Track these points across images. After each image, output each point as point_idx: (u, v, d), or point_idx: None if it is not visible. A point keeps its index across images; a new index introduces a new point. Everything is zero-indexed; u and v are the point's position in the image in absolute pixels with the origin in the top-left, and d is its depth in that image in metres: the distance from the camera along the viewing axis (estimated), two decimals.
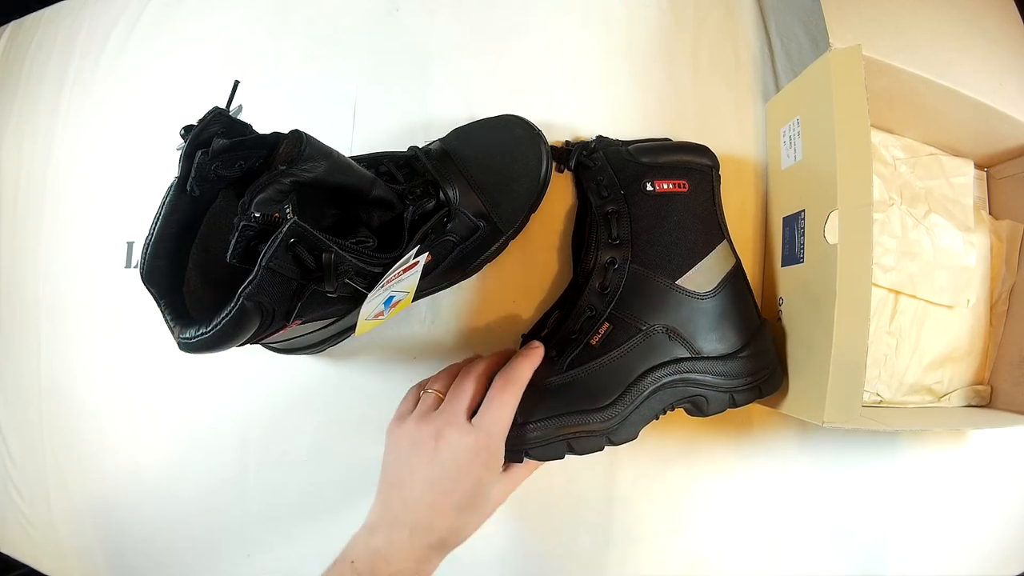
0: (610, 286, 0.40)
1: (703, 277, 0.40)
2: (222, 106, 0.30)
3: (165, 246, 0.30)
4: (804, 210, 0.40)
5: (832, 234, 0.37)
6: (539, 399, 0.37)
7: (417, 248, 0.35)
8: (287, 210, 0.30)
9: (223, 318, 0.27)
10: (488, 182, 0.40)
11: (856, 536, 0.48)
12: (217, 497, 0.51)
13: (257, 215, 0.28)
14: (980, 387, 0.49)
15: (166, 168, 0.39)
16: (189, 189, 0.30)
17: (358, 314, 0.34)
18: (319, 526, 0.48)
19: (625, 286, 0.39)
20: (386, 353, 0.48)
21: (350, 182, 0.33)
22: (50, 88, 0.64)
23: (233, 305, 0.27)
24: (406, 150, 0.41)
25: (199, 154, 0.29)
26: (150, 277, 0.29)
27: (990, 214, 0.52)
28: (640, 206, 0.41)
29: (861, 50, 0.37)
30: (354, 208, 0.36)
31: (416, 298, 0.39)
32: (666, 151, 0.42)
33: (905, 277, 0.47)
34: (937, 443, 0.49)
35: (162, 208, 0.30)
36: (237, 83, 0.32)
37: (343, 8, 0.52)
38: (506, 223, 0.41)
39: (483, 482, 0.34)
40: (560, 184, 0.46)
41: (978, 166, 0.51)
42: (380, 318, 0.37)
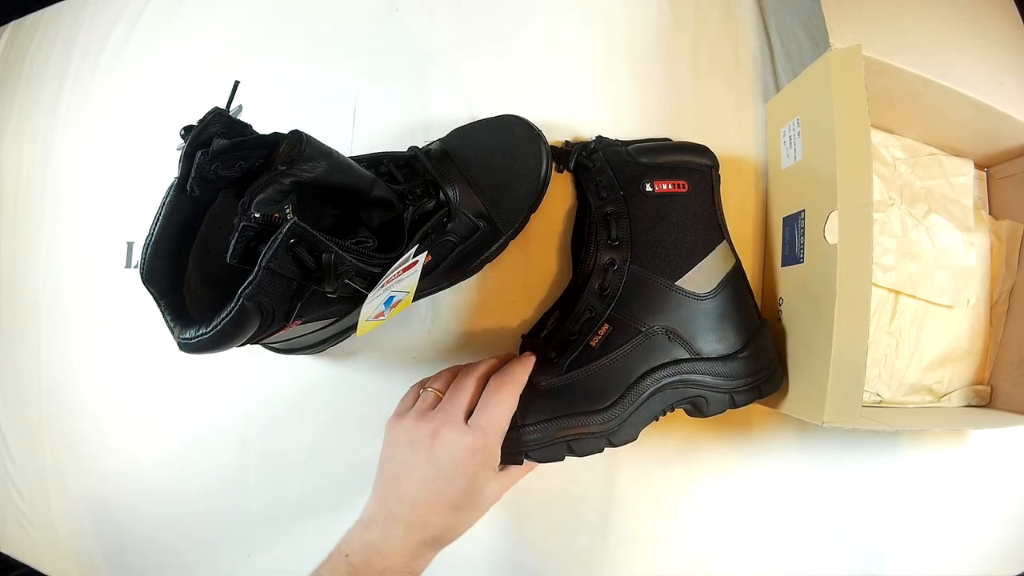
0: (610, 287, 0.40)
1: (703, 278, 0.40)
2: (222, 106, 0.30)
3: (165, 246, 0.30)
4: (804, 210, 0.40)
5: (832, 234, 0.37)
6: (539, 401, 0.37)
7: (416, 248, 0.35)
8: (287, 210, 0.30)
9: (223, 318, 0.27)
10: (488, 182, 0.40)
11: (856, 536, 0.48)
12: (217, 497, 0.51)
13: (257, 215, 0.28)
14: (980, 387, 0.49)
15: (166, 168, 0.40)
16: (189, 189, 0.30)
17: (358, 314, 0.34)
18: (319, 526, 0.48)
19: (625, 287, 0.39)
20: (386, 353, 0.48)
21: (350, 182, 0.33)
22: (50, 88, 0.64)
23: (233, 305, 0.27)
24: (406, 150, 0.41)
25: (199, 154, 0.29)
26: (150, 277, 0.29)
27: (990, 214, 0.52)
28: (639, 207, 0.41)
29: (861, 50, 0.37)
30: (354, 208, 0.36)
31: (416, 298, 0.39)
32: (665, 151, 0.42)
33: (905, 277, 0.47)
34: (937, 443, 0.49)
35: (162, 208, 0.30)
36: (237, 83, 0.32)
37: (343, 8, 0.52)
38: (506, 223, 0.41)
39: (478, 481, 0.34)
40: (560, 184, 0.46)
41: (978, 166, 0.51)
42: (381, 319, 0.37)
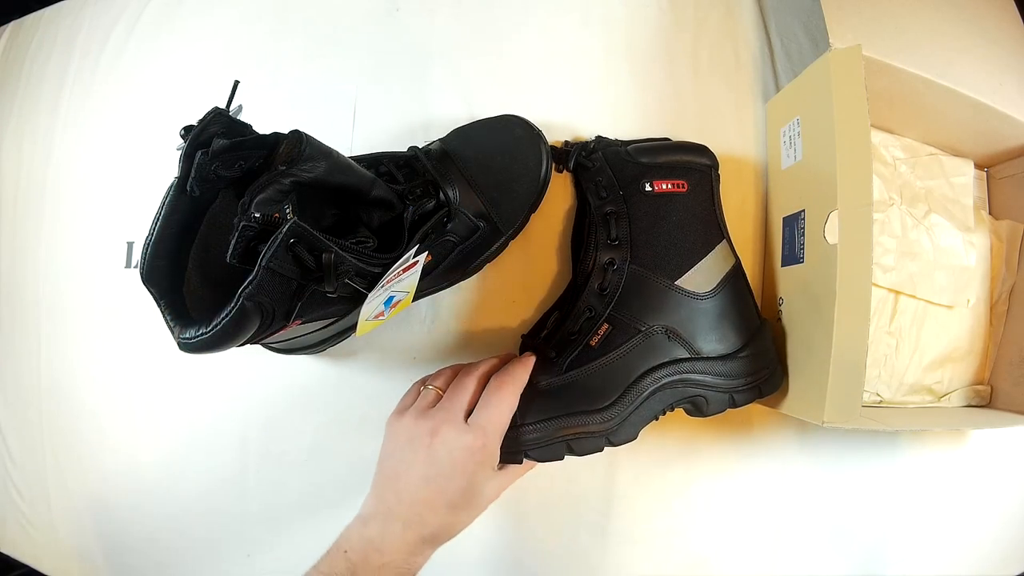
0: (609, 287, 0.40)
1: (702, 277, 0.40)
2: (222, 106, 0.30)
3: (165, 246, 0.30)
4: (804, 210, 0.40)
5: (832, 234, 0.37)
6: (538, 400, 0.37)
7: (417, 248, 0.35)
8: (287, 210, 0.30)
9: (223, 318, 0.27)
10: (488, 182, 0.40)
11: (856, 536, 0.48)
12: (217, 497, 0.51)
13: (257, 215, 0.28)
14: (980, 387, 0.49)
15: (166, 168, 0.39)
16: (189, 189, 0.30)
17: (358, 314, 0.34)
18: (319, 526, 0.48)
19: (624, 287, 0.39)
20: (386, 353, 0.48)
21: (350, 182, 0.33)
22: (50, 88, 0.64)
23: (233, 305, 0.27)
24: (406, 150, 0.41)
25: (199, 154, 0.29)
26: (150, 277, 0.29)
27: (990, 214, 0.52)
28: (639, 206, 0.41)
29: (861, 50, 0.37)
30: (354, 208, 0.36)
31: (416, 298, 0.39)
32: (665, 151, 0.42)
33: (905, 277, 0.47)
34: (937, 443, 0.49)
35: (162, 208, 0.30)
36: (237, 83, 0.32)
37: (343, 8, 0.52)
38: (506, 223, 0.41)
39: (477, 480, 0.34)
40: (560, 184, 0.46)
41: (978, 166, 0.51)
42: (380, 318, 0.37)
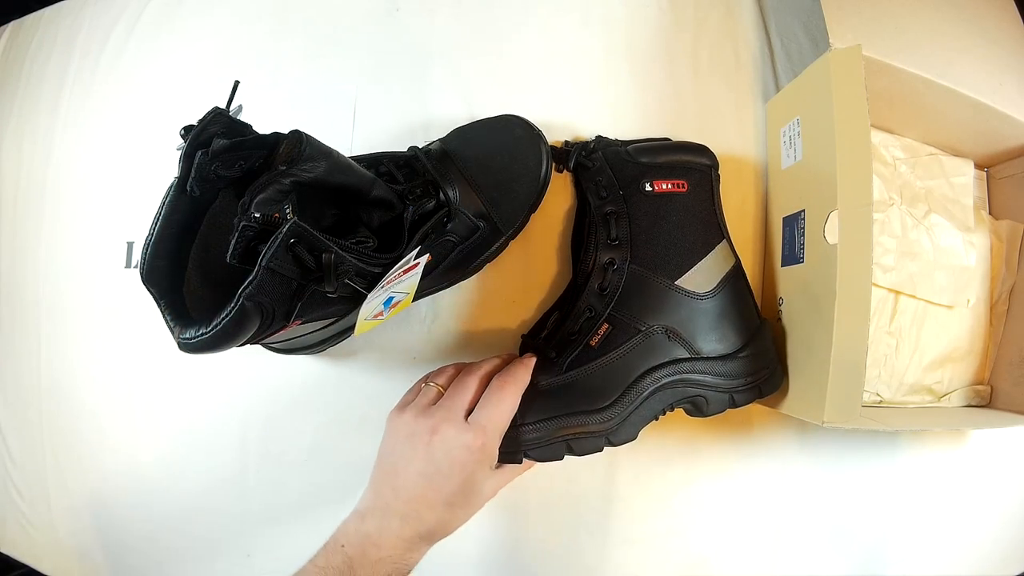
0: (609, 287, 0.40)
1: (702, 277, 0.40)
2: (222, 106, 0.30)
3: (165, 246, 0.30)
4: (804, 210, 0.40)
5: (832, 234, 0.37)
6: (538, 400, 0.37)
7: (418, 250, 0.35)
8: (287, 210, 0.30)
9: (223, 318, 0.27)
10: (488, 182, 0.40)
11: (856, 536, 0.48)
12: (217, 497, 0.51)
13: (257, 215, 0.28)
14: (980, 387, 0.49)
15: (166, 168, 0.39)
16: (189, 189, 0.30)
17: (358, 314, 0.34)
18: (319, 526, 0.48)
19: (624, 287, 0.39)
20: (386, 353, 0.48)
21: (350, 182, 0.33)
22: (50, 88, 0.64)
23: (233, 305, 0.27)
24: (406, 150, 0.41)
25: (199, 154, 0.29)
26: (150, 277, 0.29)
27: (990, 214, 0.52)
28: (639, 206, 0.41)
29: (861, 50, 0.37)
30: (354, 208, 0.36)
31: (416, 298, 0.39)
32: (665, 151, 0.42)
33: (905, 277, 0.47)
34: (937, 443, 0.49)
35: (162, 208, 0.30)
36: (237, 83, 0.32)
37: (343, 8, 0.52)
38: (506, 223, 0.41)
39: (475, 479, 0.34)
40: (560, 184, 0.46)
41: (978, 166, 0.51)
42: (380, 318, 0.37)
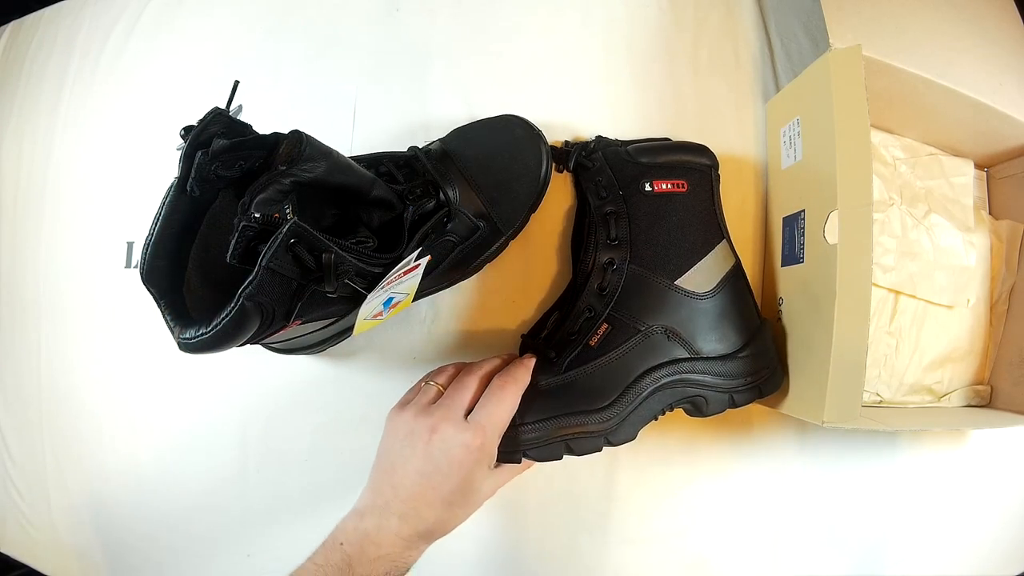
0: (608, 287, 0.40)
1: (702, 277, 0.40)
2: (222, 106, 0.30)
3: (165, 246, 0.30)
4: (804, 210, 0.40)
5: (832, 234, 0.37)
6: (537, 400, 0.37)
7: (419, 251, 0.35)
8: (287, 210, 0.30)
9: (223, 318, 0.27)
10: (488, 182, 0.40)
11: (856, 536, 0.48)
12: (217, 496, 0.51)
13: (257, 215, 0.28)
14: (980, 387, 0.49)
15: (166, 168, 0.40)
16: (189, 189, 0.30)
17: (357, 314, 0.34)
18: (319, 525, 0.48)
19: (624, 287, 0.39)
20: (386, 353, 0.48)
21: (350, 182, 0.33)
22: (50, 88, 0.64)
23: (233, 305, 0.27)
24: (406, 150, 0.41)
25: (199, 154, 0.29)
26: (150, 277, 0.29)
27: (990, 214, 0.52)
28: (638, 206, 0.41)
29: (861, 50, 0.37)
30: (354, 208, 0.36)
31: (416, 298, 0.39)
32: (665, 151, 0.42)
33: (905, 277, 0.47)
34: (937, 443, 0.49)
35: (162, 208, 0.30)
36: (237, 83, 0.32)
37: (343, 8, 0.52)
38: (506, 223, 0.41)
39: (473, 478, 0.34)
40: (560, 184, 0.46)
41: (978, 166, 0.51)
42: (379, 318, 0.37)
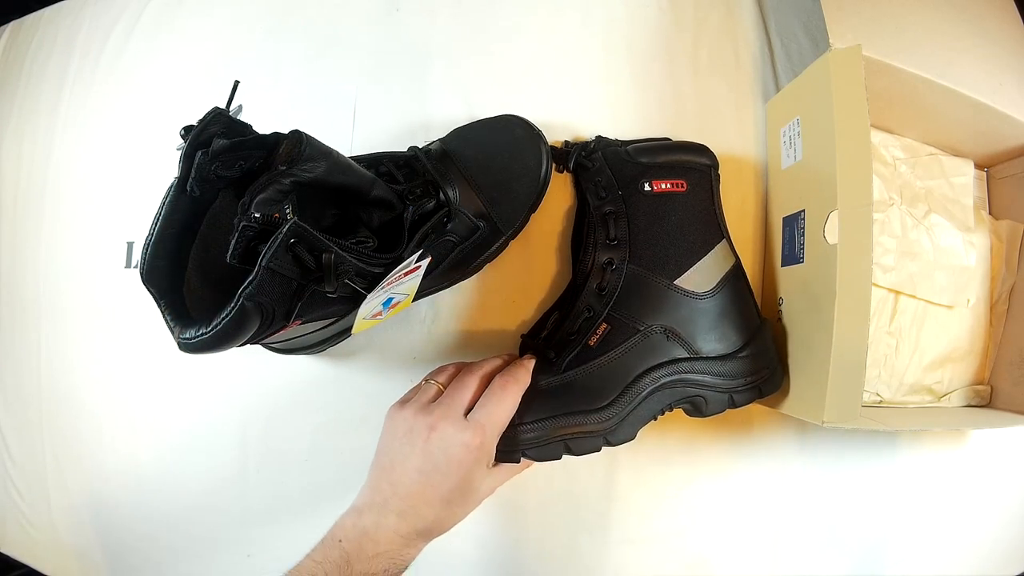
0: (608, 287, 0.40)
1: (702, 277, 0.40)
2: (222, 106, 0.30)
3: (165, 246, 0.30)
4: (804, 210, 0.40)
5: (832, 234, 0.37)
6: (537, 400, 0.37)
7: (420, 252, 0.35)
8: (287, 210, 0.30)
9: (223, 318, 0.27)
10: (488, 182, 0.40)
11: (856, 536, 0.48)
12: (217, 496, 0.51)
13: (257, 215, 0.28)
14: (980, 387, 0.49)
15: (166, 168, 0.40)
16: (189, 189, 0.30)
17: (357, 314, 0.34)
18: (319, 525, 0.48)
19: (623, 287, 0.39)
20: (386, 353, 0.48)
21: (350, 182, 0.33)
22: (50, 88, 0.64)
23: (233, 305, 0.27)
24: (406, 150, 0.41)
25: (199, 154, 0.29)
26: (150, 277, 0.29)
27: (990, 214, 0.52)
28: (638, 206, 0.41)
29: (861, 50, 0.37)
30: (354, 208, 0.36)
31: (416, 298, 0.39)
32: (664, 151, 0.42)
33: (905, 277, 0.47)
34: (937, 443, 0.49)
35: (162, 208, 0.30)
36: (237, 83, 0.32)
37: (343, 8, 0.52)
38: (506, 223, 0.41)
39: (472, 477, 0.34)
40: (560, 184, 0.46)
41: (978, 166, 0.51)
42: (379, 318, 0.37)
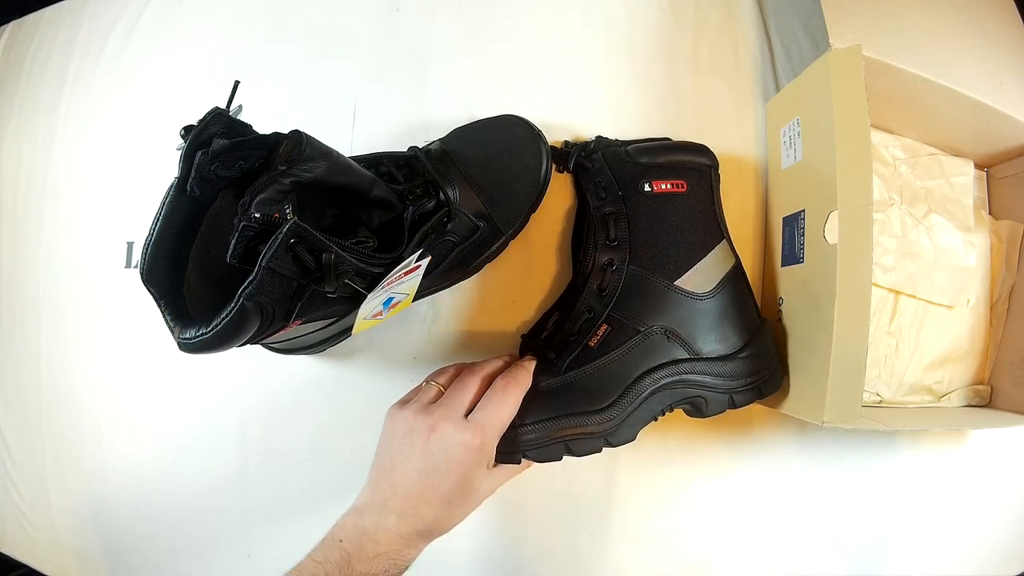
0: (608, 288, 0.40)
1: (702, 277, 0.40)
2: (222, 106, 0.30)
3: (165, 246, 0.30)
4: (804, 210, 0.40)
5: (832, 234, 0.37)
6: (537, 401, 0.37)
7: (420, 252, 0.35)
8: (287, 210, 0.30)
9: (223, 318, 0.27)
10: (488, 182, 0.40)
11: (856, 536, 0.48)
12: (217, 496, 0.51)
13: (257, 215, 0.28)
14: (980, 387, 0.49)
15: (166, 168, 0.40)
16: (189, 189, 0.30)
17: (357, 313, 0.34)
18: (319, 525, 0.48)
19: (623, 288, 0.39)
20: (386, 353, 0.48)
21: (350, 182, 0.33)
22: (50, 88, 0.64)
23: (233, 305, 0.27)
24: (406, 150, 0.41)
25: (199, 154, 0.29)
26: (150, 277, 0.29)
27: (990, 214, 0.52)
28: (638, 207, 0.41)
29: (861, 50, 0.37)
30: (354, 208, 0.36)
31: (416, 298, 0.39)
32: (664, 151, 0.42)
33: (905, 277, 0.47)
34: (937, 443, 0.49)
35: (162, 208, 0.30)
36: (237, 83, 0.32)
37: (343, 8, 0.52)
38: (506, 223, 0.41)
39: (472, 477, 0.34)
40: (560, 184, 0.46)
41: (978, 166, 0.51)
42: (378, 318, 0.37)
